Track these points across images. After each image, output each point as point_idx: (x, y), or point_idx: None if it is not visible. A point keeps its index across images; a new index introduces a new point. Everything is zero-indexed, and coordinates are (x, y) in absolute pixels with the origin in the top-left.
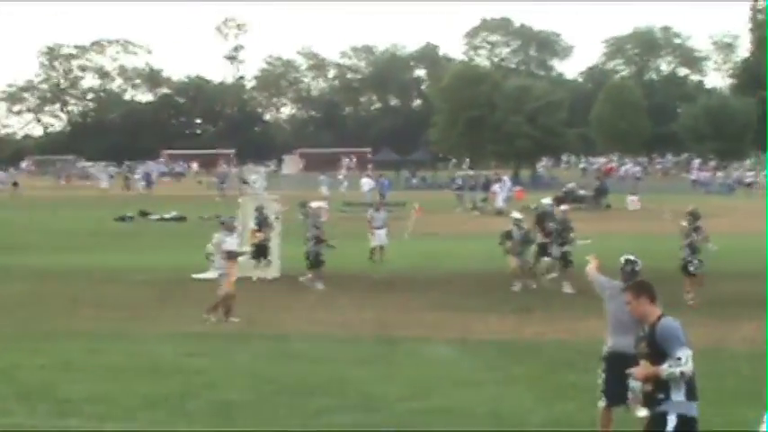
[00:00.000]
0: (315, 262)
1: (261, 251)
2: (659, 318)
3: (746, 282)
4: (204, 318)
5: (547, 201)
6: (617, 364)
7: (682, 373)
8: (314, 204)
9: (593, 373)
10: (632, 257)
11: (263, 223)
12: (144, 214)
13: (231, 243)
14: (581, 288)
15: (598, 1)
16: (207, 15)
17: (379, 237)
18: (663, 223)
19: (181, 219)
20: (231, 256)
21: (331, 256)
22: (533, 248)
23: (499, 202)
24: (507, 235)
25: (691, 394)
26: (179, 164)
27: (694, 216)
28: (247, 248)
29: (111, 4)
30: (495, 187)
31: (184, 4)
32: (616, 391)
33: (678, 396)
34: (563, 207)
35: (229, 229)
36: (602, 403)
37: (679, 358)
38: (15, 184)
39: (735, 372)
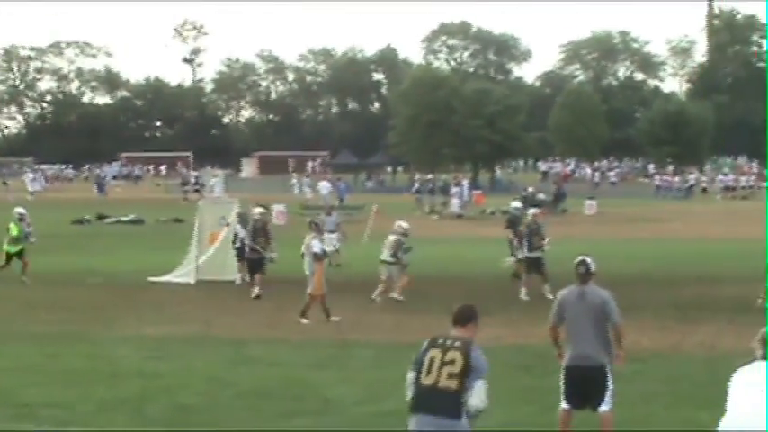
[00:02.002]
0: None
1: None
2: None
3: (704, 286)
4: (300, 321)
5: (516, 205)
6: (577, 371)
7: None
8: (256, 210)
9: (551, 377)
10: (586, 258)
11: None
12: (101, 217)
13: (317, 245)
14: (541, 293)
15: (556, 2)
16: (165, 18)
17: (329, 240)
18: (619, 227)
19: (138, 222)
20: (317, 257)
21: (288, 260)
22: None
23: (456, 207)
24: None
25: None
26: (137, 167)
27: None
28: (329, 249)
29: (69, 6)
30: (454, 191)
31: (143, 6)
32: (577, 397)
33: None
34: (532, 211)
35: (318, 231)
36: (564, 405)
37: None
38: None
39: (690, 376)
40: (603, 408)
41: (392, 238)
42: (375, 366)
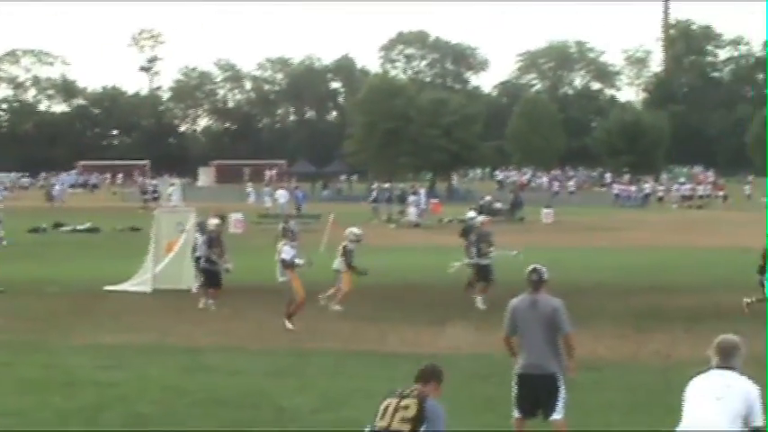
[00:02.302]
0: (209, 281)
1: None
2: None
3: (660, 295)
4: (287, 327)
5: (471, 214)
6: (528, 379)
7: None
8: (212, 221)
9: (509, 385)
10: (538, 266)
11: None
12: (58, 225)
13: (288, 251)
14: (496, 302)
15: (514, 11)
16: (122, 26)
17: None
18: (576, 235)
19: (94, 230)
20: (285, 264)
21: (246, 268)
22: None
23: (412, 216)
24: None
25: None
26: (94, 175)
27: None
28: (301, 261)
29: (25, 14)
30: (411, 200)
31: (100, 14)
32: (528, 405)
33: None
34: (479, 218)
35: (291, 237)
36: (515, 414)
37: None
38: None
39: (647, 385)
40: (555, 416)
41: (343, 245)
42: (332, 375)
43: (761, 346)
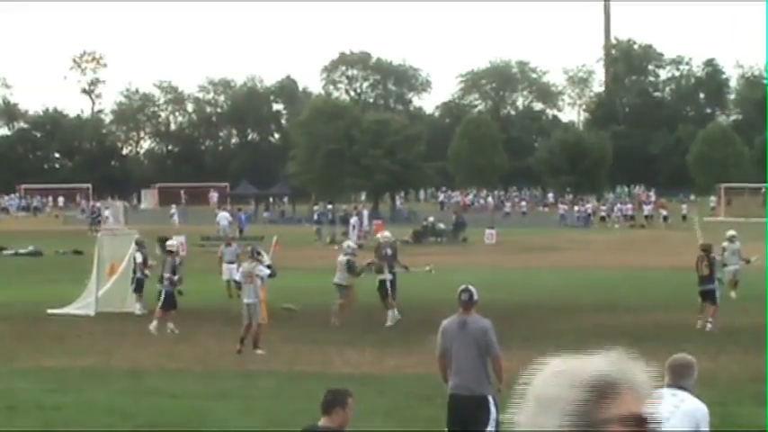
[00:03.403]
0: (169, 303)
1: (139, 286)
2: None
3: (602, 315)
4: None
5: (385, 233)
6: (457, 400)
7: None
8: (172, 242)
9: None
10: (469, 287)
11: (147, 258)
12: None
13: (263, 270)
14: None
15: (455, 32)
16: (64, 49)
17: (231, 271)
18: (518, 256)
19: (37, 254)
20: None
21: (189, 291)
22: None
23: (353, 237)
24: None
25: None
26: (36, 198)
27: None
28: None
29: None
30: (352, 221)
31: (41, 37)
32: (458, 425)
33: None
34: (381, 234)
35: (257, 259)
36: None
37: None
38: None
39: None
40: None
41: (342, 258)
42: (276, 397)
43: (704, 365)
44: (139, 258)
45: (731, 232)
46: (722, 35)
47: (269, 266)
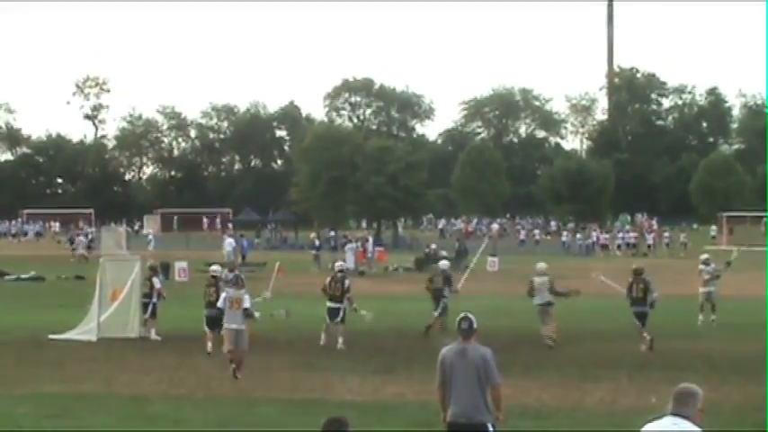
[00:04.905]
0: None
1: (154, 311)
2: None
3: (603, 342)
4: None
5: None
6: (457, 429)
7: None
8: (215, 267)
9: None
10: (468, 315)
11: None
12: (1, 274)
13: (248, 301)
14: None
15: (458, 59)
16: (67, 74)
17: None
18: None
19: (39, 279)
20: (247, 314)
21: (192, 317)
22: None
23: (350, 263)
24: None
25: None
26: (38, 224)
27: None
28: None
29: None
30: (348, 247)
31: (45, 62)
32: None
33: None
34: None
35: (239, 286)
36: None
37: None
38: None
39: None
40: None
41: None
42: (277, 424)
43: (707, 395)
44: (158, 284)
45: (704, 256)
46: (725, 64)
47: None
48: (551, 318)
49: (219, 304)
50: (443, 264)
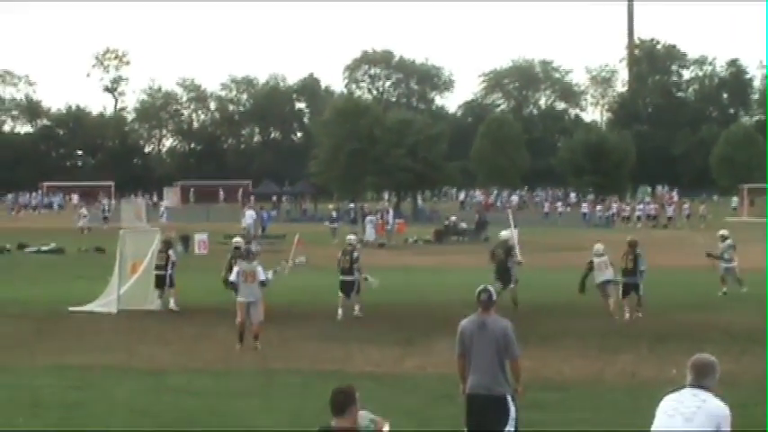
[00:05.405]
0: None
1: (160, 281)
2: None
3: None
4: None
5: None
6: (476, 400)
7: None
8: (237, 239)
9: None
10: (488, 287)
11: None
12: (22, 246)
13: (262, 273)
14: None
15: (478, 31)
16: (87, 46)
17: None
18: (541, 255)
19: (59, 251)
20: (263, 285)
21: (211, 289)
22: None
23: (370, 236)
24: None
25: None
26: (58, 196)
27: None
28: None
29: None
30: (367, 219)
31: (65, 34)
32: (476, 424)
33: None
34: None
35: (250, 259)
36: None
37: None
38: None
39: (612, 404)
40: None
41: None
42: (299, 395)
43: (727, 366)
44: (173, 257)
45: (722, 231)
46: (746, 35)
47: (264, 281)
48: (615, 292)
49: (232, 278)
50: (504, 234)
